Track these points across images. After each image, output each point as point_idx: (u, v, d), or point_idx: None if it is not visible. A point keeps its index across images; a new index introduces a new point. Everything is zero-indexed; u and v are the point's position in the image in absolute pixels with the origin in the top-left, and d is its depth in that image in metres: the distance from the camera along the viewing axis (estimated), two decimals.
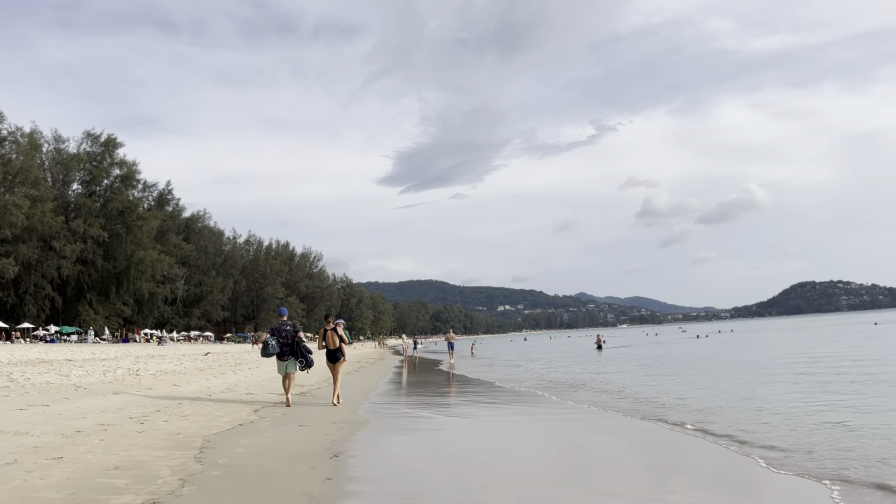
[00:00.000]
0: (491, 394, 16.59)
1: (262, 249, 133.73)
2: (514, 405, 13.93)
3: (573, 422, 11.15)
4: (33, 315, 73.13)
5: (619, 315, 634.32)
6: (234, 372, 21.45)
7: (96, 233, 76.88)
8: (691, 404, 12.92)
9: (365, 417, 11.47)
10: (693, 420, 10.71)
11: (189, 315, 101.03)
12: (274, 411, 11.80)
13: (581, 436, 9.62)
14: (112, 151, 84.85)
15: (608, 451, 8.42)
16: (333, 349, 13.11)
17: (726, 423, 10.28)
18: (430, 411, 13.07)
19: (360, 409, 12.81)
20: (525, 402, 14.48)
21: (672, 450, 8.51)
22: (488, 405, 14.12)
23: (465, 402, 15.03)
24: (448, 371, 28.54)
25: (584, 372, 24.62)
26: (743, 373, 21.25)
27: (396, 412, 13.08)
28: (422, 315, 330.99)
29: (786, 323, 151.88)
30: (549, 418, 11.77)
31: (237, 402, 12.98)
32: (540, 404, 13.92)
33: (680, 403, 13.17)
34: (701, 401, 13.42)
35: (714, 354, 35.54)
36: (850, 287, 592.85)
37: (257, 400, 13.74)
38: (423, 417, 11.96)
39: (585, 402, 13.76)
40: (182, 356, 30.39)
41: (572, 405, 13.46)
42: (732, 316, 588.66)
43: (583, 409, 12.77)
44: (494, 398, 15.44)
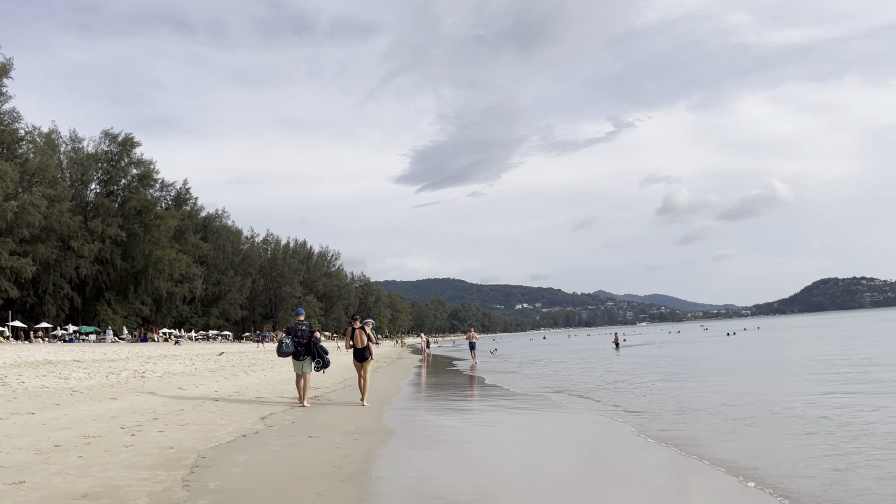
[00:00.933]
0: (518, 399, 15.44)
1: (280, 248, 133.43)
2: (543, 411, 12.87)
3: (606, 432, 10.07)
4: (53, 315, 73.10)
5: (638, 313, 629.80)
6: (245, 373, 20.54)
7: (114, 232, 76.73)
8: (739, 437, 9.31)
9: (387, 427, 10.48)
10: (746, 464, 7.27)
11: (207, 314, 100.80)
12: (283, 418, 10.87)
13: (614, 453, 8.52)
14: (129, 151, 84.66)
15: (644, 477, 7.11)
16: (361, 348, 13.27)
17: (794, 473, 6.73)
18: (457, 419, 12.12)
19: (383, 416, 11.83)
20: (554, 408, 13.42)
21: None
22: (516, 411, 13.10)
23: (493, 408, 13.96)
24: (470, 373, 27.21)
25: (611, 374, 23.18)
26: (799, 380, 17.88)
27: (421, 420, 12.06)
28: (439, 314, 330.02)
29: (812, 320, 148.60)
30: (582, 427, 10.70)
31: (244, 408, 12.06)
32: (570, 411, 12.84)
33: (723, 434, 9.52)
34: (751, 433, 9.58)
35: (751, 355, 32.50)
36: (873, 283, 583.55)
37: (267, 404, 12.81)
38: (451, 427, 10.92)
39: (618, 413, 12.50)
40: (196, 356, 29.59)
41: (603, 415, 12.31)
42: (753, 313, 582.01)
43: (613, 420, 11.56)
44: (523, 403, 14.38)
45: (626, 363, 30.07)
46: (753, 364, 25.90)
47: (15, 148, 67.69)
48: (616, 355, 37.15)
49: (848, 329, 63.47)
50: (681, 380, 19.48)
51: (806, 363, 24.06)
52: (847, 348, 32.57)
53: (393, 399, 15.06)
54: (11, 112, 66.40)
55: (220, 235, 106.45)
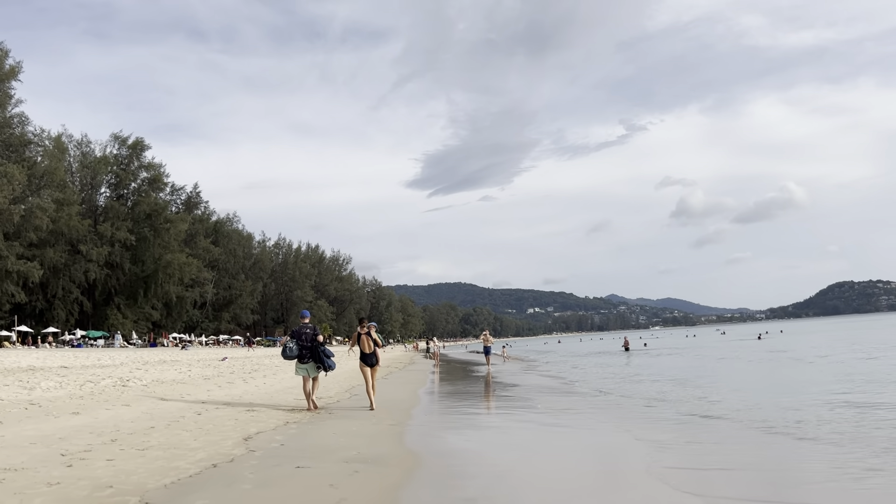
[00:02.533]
0: (553, 413, 13.71)
1: (292, 252, 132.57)
2: (585, 430, 11.19)
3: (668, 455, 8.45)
4: (62, 319, 72.28)
5: (651, 317, 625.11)
6: (244, 381, 18.94)
7: (124, 236, 75.91)
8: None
9: (409, 452, 8.58)
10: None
11: (219, 319, 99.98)
12: (271, 438, 9.23)
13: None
14: (139, 154, 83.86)
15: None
16: (369, 353, 13.06)
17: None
18: (492, 440, 10.16)
19: (405, 436, 9.91)
20: (596, 424, 11.76)
21: None
22: (553, 428, 11.11)
23: (525, 424, 11.84)
24: (486, 378, 25.47)
25: (656, 383, 21.08)
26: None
27: (450, 444, 9.65)
28: (451, 318, 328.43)
29: (832, 323, 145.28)
30: (633, 450, 9.10)
31: (229, 424, 10.41)
32: (617, 429, 11.21)
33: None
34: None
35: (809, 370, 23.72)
36: (890, 287, 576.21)
37: (257, 419, 11.20)
38: (489, 452, 8.91)
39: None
40: (197, 361, 28.14)
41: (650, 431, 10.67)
42: (768, 317, 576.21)
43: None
44: (557, 418, 12.40)
45: (687, 369, 26.12)
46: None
47: (23, 151, 66.95)
48: (626, 363, 34.75)
49: (878, 331, 61.16)
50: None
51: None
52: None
53: (413, 412, 13.35)
54: (20, 115, 65.78)
55: (231, 239, 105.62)
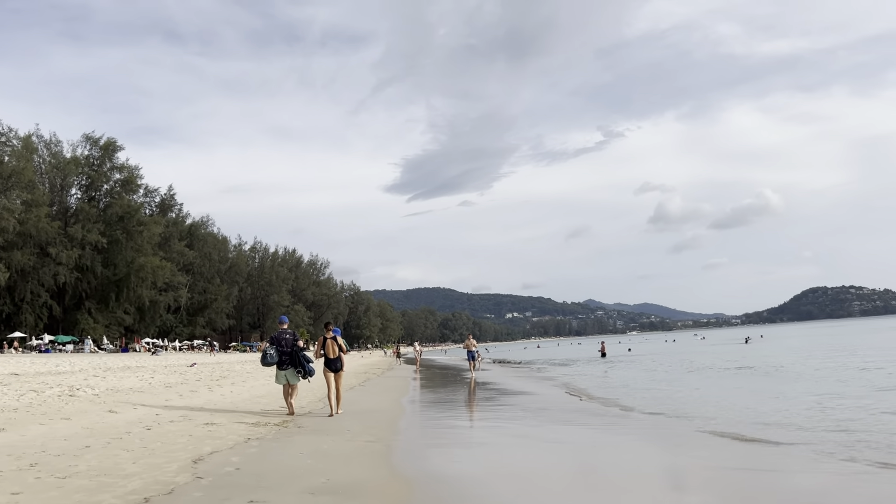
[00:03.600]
0: (558, 420, 12.91)
1: (269, 256, 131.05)
2: (587, 434, 10.60)
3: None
4: (31, 324, 70.47)
5: (628, 322, 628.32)
6: (208, 389, 17.77)
7: (95, 238, 74.28)
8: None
9: (393, 476, 7.29)
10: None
11: (193, 323, 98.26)
12: (226, 459, 7.84)
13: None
14: (112, 155, 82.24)
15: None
16: (334, 358, 12.80)
17: None
18: (485, 460, 8.71)
19: (386, 458, 8.42)
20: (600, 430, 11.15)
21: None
22: (556, 446, 9.90)
23: (524, 440, 10.27)
24: (471, 384, 24.64)
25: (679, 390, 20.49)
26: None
27: (436, 468, 8.04)
28: (430, 323, 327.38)
29: (810, 328, 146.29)
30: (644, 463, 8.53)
31: (180, 441, 8.96)
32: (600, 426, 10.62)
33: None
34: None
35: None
36: (862, 292, 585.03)
37: (215, 434, 9.76)
38: (487, 486, 7.14)
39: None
40: (164, 367, 27.01)
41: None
42: (743, 322, 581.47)
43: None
44: (564, 430, 11.39)
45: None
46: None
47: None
48: (602, 368, 34.65)
49: (861, 337, 61.45)
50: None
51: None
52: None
53: (395, 425, 12.01)
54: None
55: (207, 243, 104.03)
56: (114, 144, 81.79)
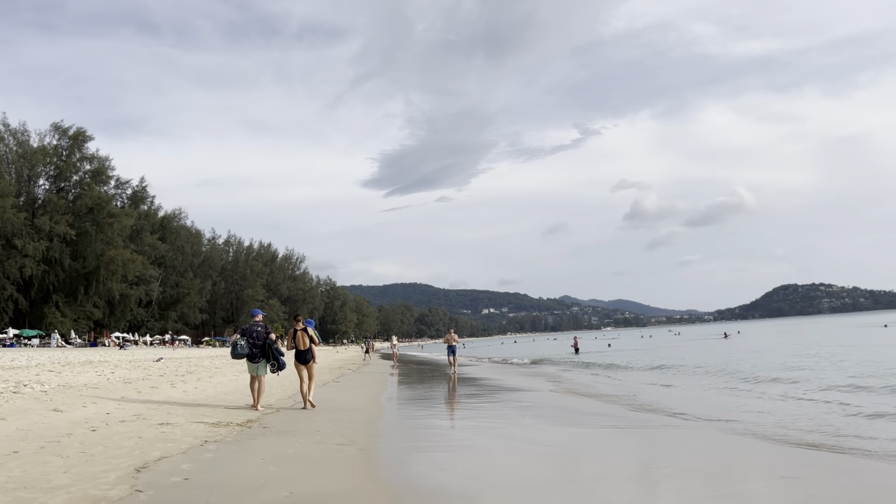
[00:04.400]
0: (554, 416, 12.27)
1: (243, 250, 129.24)
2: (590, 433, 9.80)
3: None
4: None
5: (602, 318, 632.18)
6: (171, 385, 16.75)
7: (63, 230, 72.51)
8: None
9: (369, 488, 6.27)
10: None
11: (165, 318, 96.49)
12: (175, 468, 6.68)
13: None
14: (81, 145, 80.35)
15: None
16: (304, 350, 12.78)
17: None
18: (476, 467, 7.44)
19: (361, 465, 7.41)
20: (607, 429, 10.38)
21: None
22: (548, 449, 9.14)
23: (516, 443, 9.35)
24: (452, 380, 23.83)
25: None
26: None
27: (421, 479, 6.88)
28: (406, 318, 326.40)
29: (785, 325, 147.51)
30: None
31: (126, 445, 7.76)
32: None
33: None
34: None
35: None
36: (831, 290, 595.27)
37: (169, 435, 8.67)
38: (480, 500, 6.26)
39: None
40: (129, 362, 25.84)
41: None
42: (716, 318, 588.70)
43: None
44: (558, 432, 10.52)
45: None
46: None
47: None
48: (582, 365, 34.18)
49: (837, 334, 61.63)
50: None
51: None
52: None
53: (371, 425, 10.85)
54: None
55: (179, 236, 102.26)
56: (83, 134, 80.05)
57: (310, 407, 12.81)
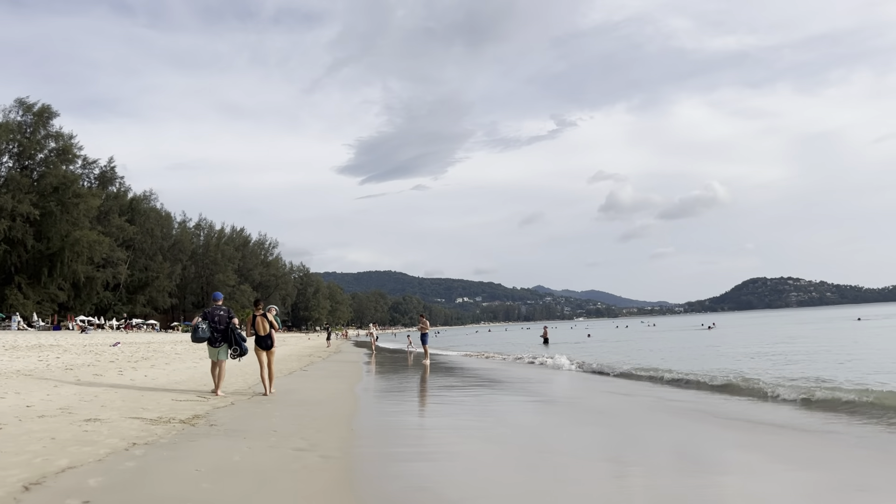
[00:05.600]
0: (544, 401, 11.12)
1: (214, 234, 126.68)
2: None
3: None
4: None
5: (575, 308, 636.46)
6: (118, 372, 15.46)
7: (26, 210, 70.12)
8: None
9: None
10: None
11: (133, 302, 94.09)
12: (80, 482, 5.18)
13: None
14: (46, 122, 77.67)
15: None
16: (264, 336, 12.62)
17: None
18: (467, 477, 6.32)
19: (325, 479, 5.96)
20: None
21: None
22: (550, 458, 8.42)
23: (506, 448, 8.08)
24: (425, 369, 22.68)
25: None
26: None
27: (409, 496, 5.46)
28: (380, 306, 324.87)
29: (757, 318, 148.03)
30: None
31: (33, 447, 6.40)
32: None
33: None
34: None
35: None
36: (799, 284, 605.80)
37: (88, 438, 7.05)
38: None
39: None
40: (82, 346, 24.20)
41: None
42: (686, 310, 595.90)
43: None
44: (555, 434, 9.49)
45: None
46: None
47: None
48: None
49: (815, 327, 61.35)
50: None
51: None
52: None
53: (342, 424, 9.23)
54: None
55: (149, 218, 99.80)
56: (49, 111, 77.53)
57: (270, 394, 12.49)
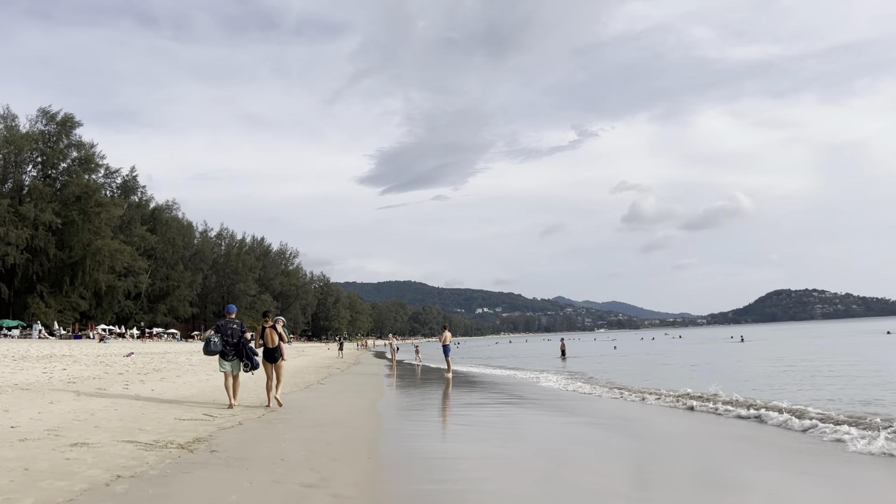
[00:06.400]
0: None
1: (235, 244, 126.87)
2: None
3: None
4: None
5: (596, 319, 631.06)
6: (125, 386, 14.60)
7: (48, 219, 70.27)
8: None
9: None
10: None
11: (154, 311, 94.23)
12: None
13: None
14: (69, 132, 78.06)
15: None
16: (272, 348, 12.65)
17: None
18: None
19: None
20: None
21: None
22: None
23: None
24: (447, 383, 21.75)
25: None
26: None
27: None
28: (400, 316, 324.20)
29: (785, 330, 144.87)
30: None
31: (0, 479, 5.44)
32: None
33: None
34: None
35: None
36: (824, 296, 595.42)
37: (68, 469, 6.04)
38: None
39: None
40: (94, 357, 23.39)
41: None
42: (708, 322, 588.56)
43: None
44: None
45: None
46: None
47: None
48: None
49: (847, 341, 59.53)
50: None
51: None
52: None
53: (362, 450, 7.90)
54: None
55: (170, 228, 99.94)
56: (71, 120, 77.82)
57: (275, 405, 12.42)
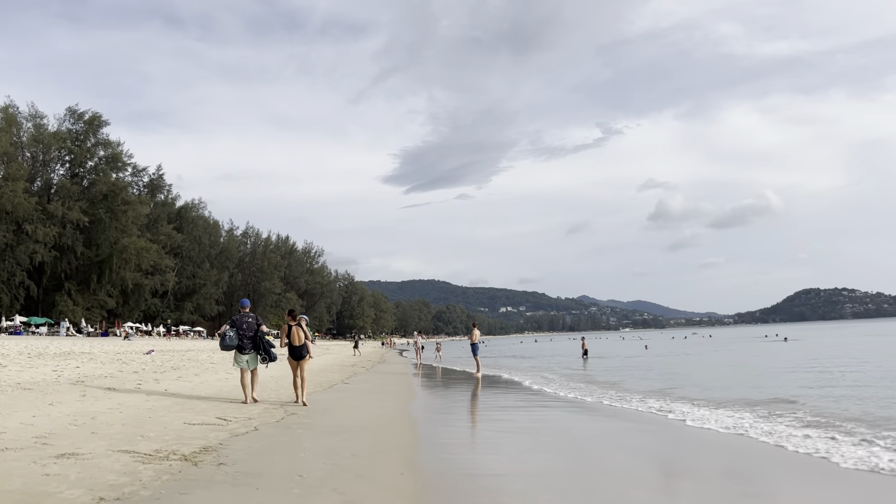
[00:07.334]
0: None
1: (261, 242, 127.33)
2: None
3: None
4: (5, 304, 66.80)
5: (621, 318, 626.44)
6: (138, 384, 13.97)
7: (76, 217, 70.64)
8: None
9: None
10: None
11: (181, 309, 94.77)
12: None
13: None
14: (96, 130, 78.48)
15: None
16: (299, 346, 12.56)
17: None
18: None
19: None
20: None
21: None
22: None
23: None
24: (477, 383, 21.06)
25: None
26: None
27: None
28: (424, 315, 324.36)
29: (818, 329, 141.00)
30: None
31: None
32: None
33: None
34: None
35: None
36: (854, 295, 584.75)
37: (44, 490, 5.12)
38: None
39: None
40: (113, 354, 22.75)
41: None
42: (736, 322, 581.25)
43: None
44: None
45: None
46: None
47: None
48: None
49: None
50: None
51: None
52: None
53: (395, 461, 6.97)
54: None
55: (197, 226, 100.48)
56: (98, 119, 78.13)
57: (301, 405, 12.24)
